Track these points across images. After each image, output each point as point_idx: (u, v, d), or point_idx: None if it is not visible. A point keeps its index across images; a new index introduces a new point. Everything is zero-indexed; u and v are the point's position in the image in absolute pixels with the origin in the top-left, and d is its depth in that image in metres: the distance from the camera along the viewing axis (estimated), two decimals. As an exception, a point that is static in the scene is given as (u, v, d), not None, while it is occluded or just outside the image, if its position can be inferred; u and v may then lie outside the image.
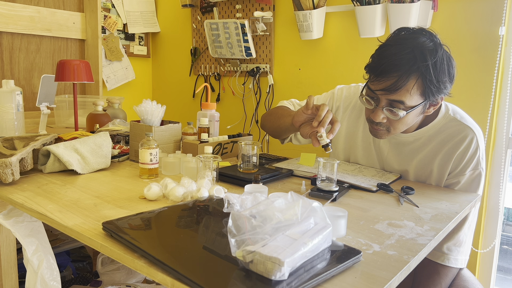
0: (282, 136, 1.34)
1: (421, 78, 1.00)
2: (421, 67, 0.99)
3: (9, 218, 1.10)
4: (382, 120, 1.09)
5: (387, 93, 1.03)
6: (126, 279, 1.87)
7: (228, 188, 1.06)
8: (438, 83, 1.01)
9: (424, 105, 1.07)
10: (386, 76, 1.02)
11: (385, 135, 1.14)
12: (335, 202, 0.98)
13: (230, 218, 0.61)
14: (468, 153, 1.12)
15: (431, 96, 1.03)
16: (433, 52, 1.00)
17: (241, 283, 0.55)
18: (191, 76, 2.69)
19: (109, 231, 0.73)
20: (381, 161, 1.28)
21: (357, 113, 1.31)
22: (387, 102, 1.06)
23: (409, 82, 1.01)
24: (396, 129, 1.10)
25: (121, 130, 1.49)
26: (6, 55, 2.06)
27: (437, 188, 1.16)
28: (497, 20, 1.57)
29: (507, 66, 1.60)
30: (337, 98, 1.35)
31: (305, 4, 1.95)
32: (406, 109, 1.04)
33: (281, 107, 1.38)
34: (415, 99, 1.03)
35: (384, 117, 1.09)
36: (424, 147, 1.18)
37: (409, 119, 1.08)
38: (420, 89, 1.02)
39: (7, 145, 1.20)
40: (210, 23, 2.31)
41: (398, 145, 1.22)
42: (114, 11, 2.59)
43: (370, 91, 1.09)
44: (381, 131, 1.13)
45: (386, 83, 1.02)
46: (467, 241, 1.13)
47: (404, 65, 0.99)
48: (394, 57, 1.01)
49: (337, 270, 0.61)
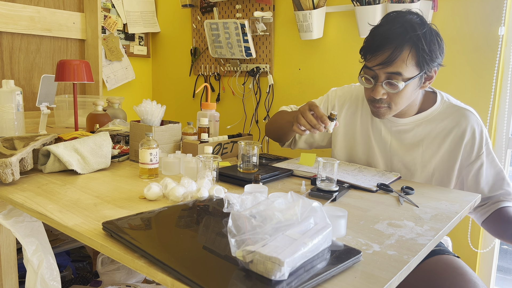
0: (284, 137, 1.38)
1: (414, 47, 1.07)
2: (412, 37, 1.06)
3: (9, 218, 1.10)
4: (382, 96, 1.13)
5: (384, 66, 1.09)
6: (126, 279, 1.87)
7: (228, 188, 1.06)
8: (430, 52, 1.07)
9: (421, 77, 1.12)
10: (381, 50, 1.08)
11: (387, 113, 1.17)
12: (335, 202, 0.98)
13: (230, 218, 0.61)
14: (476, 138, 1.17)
15: (426, 65, 1.09)
16: (421, 25, 1.08)
17: (241, 283, 0.55)
18: (191, 76, 2.69)
19: (109, 231, 0.73)
20: (384, 153, 1.28)
21: (353, 110, 1.35)
22: (386, 76, 1.10)
23: (404, 52, 1.07)
24: (397, 104, 1.14)
25: (121, 130, 1.49)
26: (6, 55, 2.06)
27: (437, 188, 1.16)
28: (497, 20, 1.57)
29: (506, 66, 1.61)
30: (331, 99, 1.39)
31: (305, 4, 1.95)
32: (404, 80, 1.09)
33: (282, 111, 1.43)
34: (411, 70, 1.09)
35: (384, 92, 1.13)
36: (428, 134, 1.21)
37: (408, 92, 1.12)
38: (414, 59, 1.08)
39: (7, 145, 1.20)
40: (210, 23, 2.31)
41: (399, 133, 1.24)
42: (114, 11, 2.59)
43: (367, 70, 1.14)
44: (382, 108, 1.16)
45: (382, 57, 1.08)
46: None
47: (397, 37, 1.06)
48: (386, 33, 1.08)
49: (337, 270, 0.61)
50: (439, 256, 1.08)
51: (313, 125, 1.10)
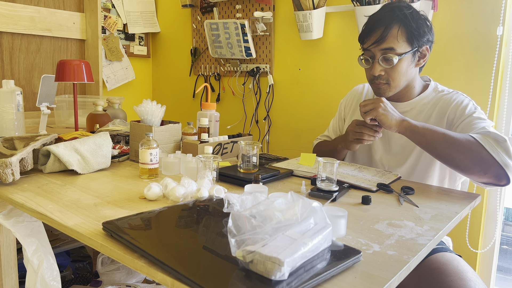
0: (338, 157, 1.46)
1: (402, 25, 1.20)
2: (400, 15, 1.20)
3: (9, 218, 1.11)
4: (380, 73, 1.24)
5: (378, 44, 1.22)
6: (126, 279, 1.87)
7: (228, 188, 1.06)
8: (417, 28, 1.20)
9: (414, 53, 1.23)
10: (374, 31, 1.23)
11: (387, 90, 1.26)
12: (335, 202, 0.98)
13: (230, 218, 0.61)
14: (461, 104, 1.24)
15: (416, 41, 1.21)
16: (408, 6, 1.23)
17: (241, 283, 0.55)
18: (191, 76, 2.69)
19: (109, 231, 0.73)
20: (383, 136, 1.34)
21: (356, 103, 1.47)
22: (381, 53, 1.22)
23: (393, 29, 1.20)
24: (395, 79, 1.24)
25: (121, 130, 1.49)
26: (6, 55, 2.06)
27: (437, 188, 1.16)
28: (495, 20, 1.57)
29: (505, 66, 1.61)
30: (343, 109, 1.54)
31: (305, 4, 1.95)
32: (398, 55, 1.20)
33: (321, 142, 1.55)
34: (403, 45, 1.21)
35: (382, 69, 1.23)
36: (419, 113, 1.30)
37: (403, 67, 1.22)
38: (404, 35, 1.20)
39: (7, 145, 1.20)
40: (210, 23, 2.31)
41: None
42: (114, 11, 2.59)
43: (365, 51, 1.27)
44: (382, 85, 1.26)
45: (375, 36, 1.22)
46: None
47: (386, 18, 1.21)
48: (377, 16, 1.24)
49: (337, 270, 0.61)
50: (441, 254, 1.08)
51: (372, 133, 1.21)
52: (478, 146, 1.07)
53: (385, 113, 1.15)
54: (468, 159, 1.08)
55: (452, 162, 1.11)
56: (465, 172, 1.12)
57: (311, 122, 2.16)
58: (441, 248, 1.13)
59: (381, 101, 1.17)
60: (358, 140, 1.24)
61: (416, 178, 1.28)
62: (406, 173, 1.30)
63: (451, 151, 1.09)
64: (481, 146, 1.07)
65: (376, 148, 1.36)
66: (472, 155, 1.07)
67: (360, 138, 1.23)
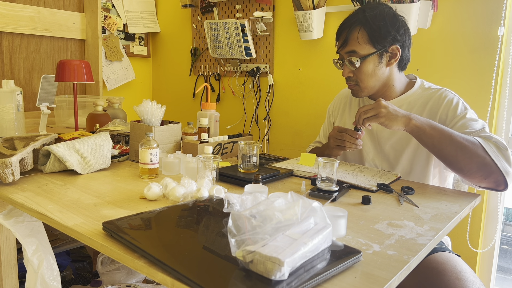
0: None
1: (362, 27, 1.21)
2: (360, 18, 1.22)
3: (9, 218, 1.11)
4: (349, 74, 1.26)
5: (343, 47, 1.26)
6: (126, 279, 1.87)
7: (228, 188, 1.06)
8: (379, 29, 1.20)
9: (380, 55, 1.23)
10: (339, 34, 1.28)
11: (359, 91, 1.28)
12: (335, 202, 0.98)
13: (230, 218, 0.61)
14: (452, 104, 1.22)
15: (377, 43, 1.21)
16: (373, 8, 1.24)
17: (241, 283, 0.55)
18: (191, 76, 2.69)
19: (109, 231, 0.73)
20: (372, 138, 1.34)
21: (343, 107, 1.48)
22: (346, 56, 1.25)
23: (353, 32, 1.22)
24: (362, 81, 1.25)
25: (121, 130, 1.49)
26: (6, 55, 2.06)
27: (437, 188, 1.16)
28: (496, 20, 1.57)
29: (506, 66, 1.61)
30: (331, 113, 1.55)
31: (305, 4, 1.95)
32: (360, 57, 1.22)
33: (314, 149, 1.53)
34: (366, 47, 1.22)
35: (349, 71, 1.26)
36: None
37: (369, 69, 1.23)
38: (365, 37, 1.22)
39: (7, 145, 1.20)
40: (210, 23, 2.31)
41: None
42: (114, 11, 2.59)
43: (337, 55, 1.31)
44: (353, 86, 1.29)
45: (341, 40, 1.27)
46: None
47: (349, 21, 1.25)
48: (343, 22, 1.27)
49: (337, 270, 0.61)
50: (439, 253, 1.08)
51: (353, 141, 1.20)
52: (482, 151, 1.06)
53: (388, 117, 1.10)
54: (472, 163, 1.07)
55: (456, 165, 1.10)
56: (466, 176, 1.11)
57: (311, 122, 2.16)
58: (439, 247, 1.13)
59: (381, 106, 1.11)
60: (339, 147, 1.24)
61: (413, 178, 1.28)
62: (402, 173, 1.29)
63: (457, 154, 1.08)
64: (485, 151, 1.06)
65: (368, 150, 1.36)
66: (476, 160, 1.06)
67: (342, 145, 1.22)
